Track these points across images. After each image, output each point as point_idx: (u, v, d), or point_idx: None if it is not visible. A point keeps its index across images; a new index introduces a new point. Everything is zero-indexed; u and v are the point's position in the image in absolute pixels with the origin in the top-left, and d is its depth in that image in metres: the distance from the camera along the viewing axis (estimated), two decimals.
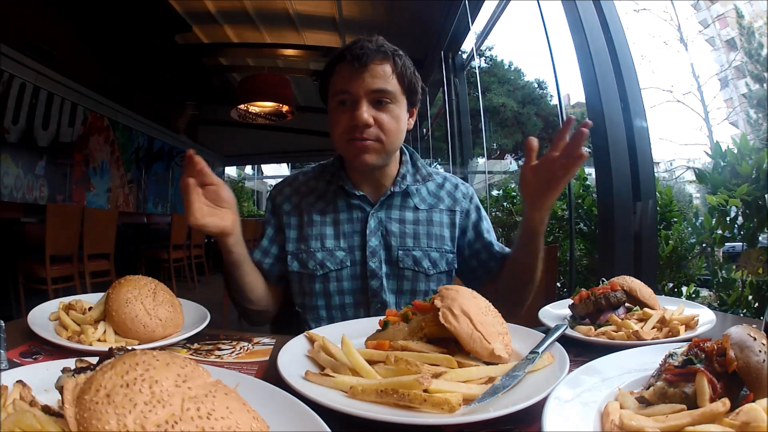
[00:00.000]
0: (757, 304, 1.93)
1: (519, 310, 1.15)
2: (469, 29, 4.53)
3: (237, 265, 1.01)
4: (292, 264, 1.13)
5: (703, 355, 0.48)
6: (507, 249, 1.19)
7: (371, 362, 0.61)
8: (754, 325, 0.49)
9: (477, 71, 6.16)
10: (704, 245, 2.23)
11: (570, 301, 0.89)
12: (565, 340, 0.71)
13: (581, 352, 0.71)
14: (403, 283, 1.12)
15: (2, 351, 0.64)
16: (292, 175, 1.27)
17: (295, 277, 1.14)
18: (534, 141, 0.92)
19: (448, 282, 1.17)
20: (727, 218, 2.02)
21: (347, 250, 1.12)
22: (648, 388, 0.50)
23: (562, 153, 0.88)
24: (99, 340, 0.74)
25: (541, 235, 1.03)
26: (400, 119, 1.08)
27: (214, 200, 0.90)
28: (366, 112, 1.03)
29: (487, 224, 1.22)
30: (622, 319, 0.80)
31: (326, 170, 1.22)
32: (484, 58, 13.52)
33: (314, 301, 1.12)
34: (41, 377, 0.48)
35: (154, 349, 0.66)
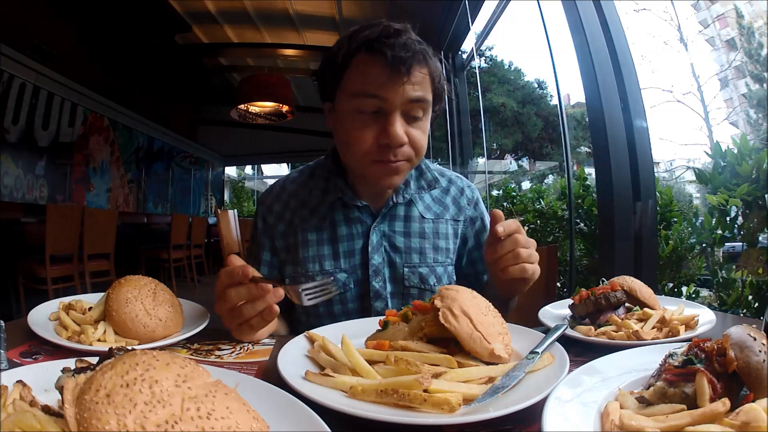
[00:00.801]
0: (757, 304, 1.93)
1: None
2: (469, 29, 4.53)
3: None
4: None
5: (703, 355, 0.48)
6: None
7: (371, 362, 0.61)
8: (754, 325, 0.49)
9: (477, 71, 6.16)
10: (704, 245, 2.23)
11: (570, 301, 0.89)
12: (565, 340, 0.71)
13: (581, 352, 0.71)
14: (408, 302, 1.02)
15: (2, 351, 0.64)
16: (278, 186, 1.11)
17: None
18: (497, 213, 0.83)
19: None
20: (727, 218, 2.02)
21: (349, 271, 1.02)
22: (648, 388, 0.50)
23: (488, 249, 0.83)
24: (99, 340, 0.74)
25: (510, 300, 1.04)
26: (426, 132, 0.94)
27: None
28: (401, 129, 0.87)
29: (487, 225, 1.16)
30: (622, 319, 0.79)
31: (317, 175, 1.08)
32: (484, 58, 13.53)
33: (321, 322, 1.03)
34: (41, 377, 0.48)
35: (154, 349, 0.66)
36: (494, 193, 5.12)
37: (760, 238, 1.95)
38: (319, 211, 1.04)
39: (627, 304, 0.85)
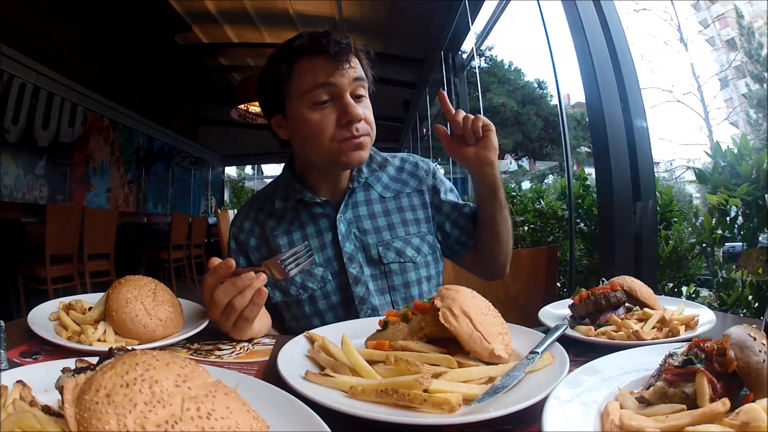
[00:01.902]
0: (757, 304, 1.93)
1: (501, 266, 1.17)
2: (469, 29, 4.52)
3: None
4: (274, 295, 1.06)
5: (703, 355, 0.48)
6: (472, 204, 1.18)
7: (371, 362, 0.61)
8: (754, 325, 0.49)
9: (477, 71, 6.17)
10: (704, 245, 2.23)
11: (570, 301, 0.89)
12: (565, 340, 0.71)
13: (581, 352, 0.71)
14: (392, 279, 1.07)
15: (2, 351, 0.64)
16: (247, 204, 1.18)
17: (283, 306, 1.09)
18: (440, 127, 1.02)
19: (436, 265, 1.14)
20: (727, 218, 2.02)
21: (324, 265, 1.06)
22: (648, 388, 0.50)
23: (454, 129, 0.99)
24: (99, 340, 0.74)
25: (500, 187, 1.06)
26: (371, 110, 1.02)
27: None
28: (356, 106, 0.95)
29: (452, 188, 1.20)
30: (622, 319, 0.79)
31: (279, 186, 1.13)
32: (484, 58, 13.52)
33: (309, 322, 1.06)
34: (41, 377, 0.48)
35: (154, 349, 0.66)
36: None
37: (760, 238, 1.95)
38: (285, 217, 1.09)
39: (627, 304, 0.85)
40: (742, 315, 1.91)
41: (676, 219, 2.38)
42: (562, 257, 2.79)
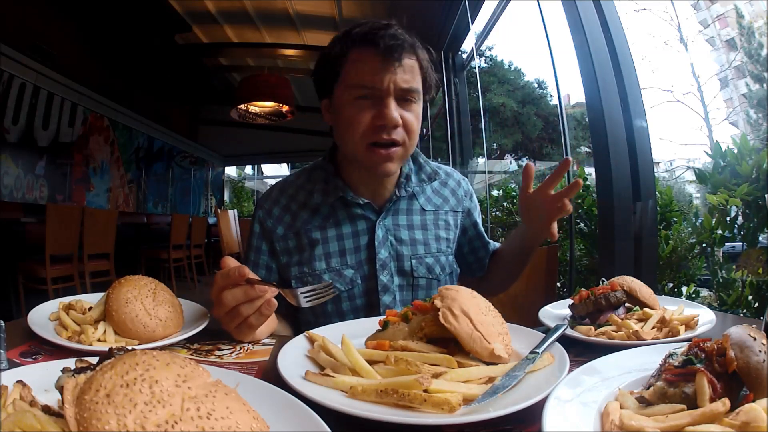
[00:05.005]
0: (757, 304, 1.93)
1: (502, 291, 1.26)
2: (469, 29, 4.53)
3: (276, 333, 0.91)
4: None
5: (703, 355, 0.48)
6: (496, 244, 1.22)
7: (371, 362, 0.61)
8: (754, 325, 0.49)
9: (477, 71, 6.16)
10: (704, 245, 2.23)
11: (570, 301, 0.89)
12: (565, 340, 0.71)
13: (581, 352, 0.71)
14: (418, 293, 1.06)
15: (2, 351, 0.64)
16: (277, 189, 1.12)
17: None
18: (531, 168, 0.93)
19: (452, 283, 1.15)
20: (727, 218, 2.02)
21: (355, 267, 1.03)
22: (648, 388, 0.50)
23: (556, 196, 0.90)
24: (99, 340, 0.74)
25: (536, 248, 1.09)
26: (419, 119, 0.98)
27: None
28: (395, 111, 0.92)
29: (479, 213, 1.23)
30: (622, 319, 0.79)
31: (315, 177, 1.09)
32: (484, 58, 13.51)
33: (329, 321, 1.02)
34: (41, 377, 0.48)
35: (154, 349, 0.66)
36: (494, 193, 5.11)
37: (760, 238, 1.95)
38: (321, 211, 1.06)
39: (627, 304, 0.85)
40: (742, 315, 1.91)
41: (676, 219, 2.39)
42: (562, 257, 2.79)
